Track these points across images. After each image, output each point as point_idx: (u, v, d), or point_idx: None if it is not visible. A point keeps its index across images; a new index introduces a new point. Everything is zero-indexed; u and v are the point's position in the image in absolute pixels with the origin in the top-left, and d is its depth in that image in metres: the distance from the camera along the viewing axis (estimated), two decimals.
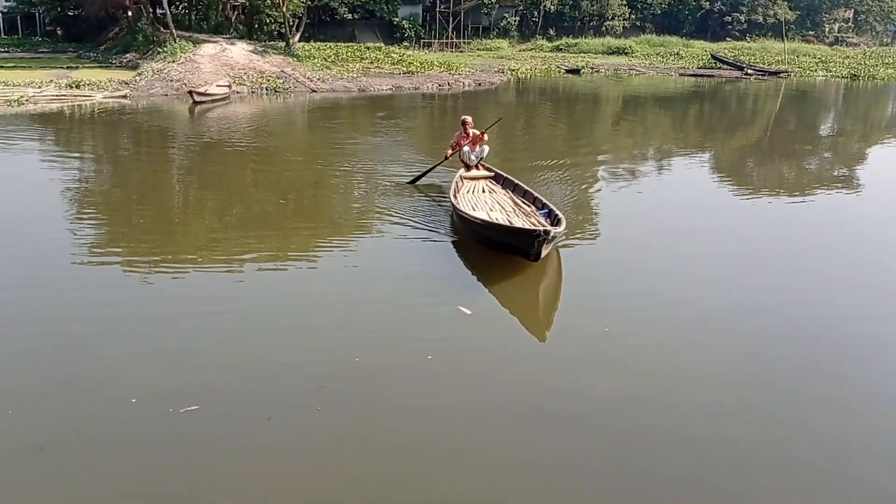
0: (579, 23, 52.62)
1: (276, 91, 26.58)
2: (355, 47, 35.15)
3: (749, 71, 39.37)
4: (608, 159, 15.40)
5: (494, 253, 8.08)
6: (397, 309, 7.03)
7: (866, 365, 6.11)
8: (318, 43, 35.44)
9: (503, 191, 10.21)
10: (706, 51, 45.46)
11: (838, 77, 38.87)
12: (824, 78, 38.79)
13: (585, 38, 49.48)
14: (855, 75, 38.79)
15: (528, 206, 9.38)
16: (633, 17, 54.00)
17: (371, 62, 32.67)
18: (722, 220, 10.72)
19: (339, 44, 36.00)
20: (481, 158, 11.16)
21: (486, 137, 11.07)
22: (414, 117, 23.89)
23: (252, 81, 26.88)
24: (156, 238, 9.24)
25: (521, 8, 50.68)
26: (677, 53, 46.01)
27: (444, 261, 8.46)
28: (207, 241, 9.24)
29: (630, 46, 46.59)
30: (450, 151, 11.43)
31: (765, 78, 38.19)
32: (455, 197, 9.50)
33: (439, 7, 47.86)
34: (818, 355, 6.24)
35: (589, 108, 27.67)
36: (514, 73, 36.65)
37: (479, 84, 31.54)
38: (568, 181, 12.59)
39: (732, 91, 33.32)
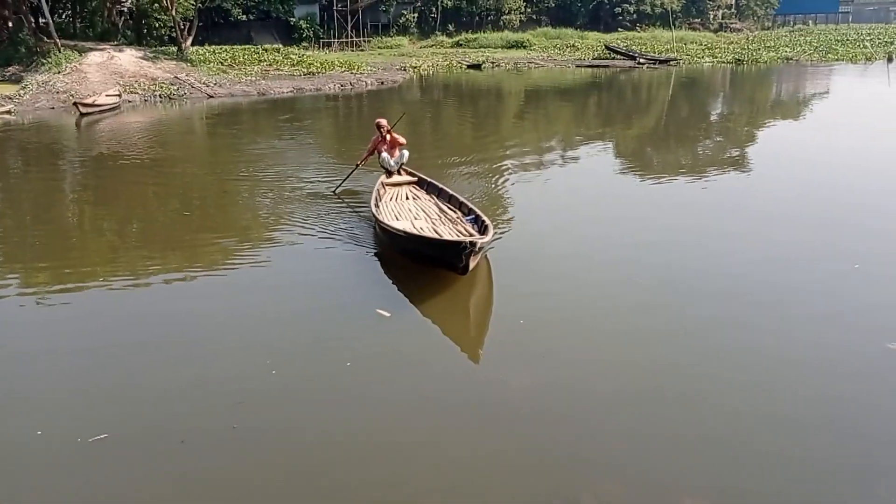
0: (477, 18, 53.07)
1: (170, 98, 25.59)
2: (252, 49, 34.10)
3: (641, 60, 40.71)
4: (516, 153, 15.49)
5: (420, 266, 7.73)
6: (313, 320, 6.88)
7: (778, 335, 6.29)
8: (213, 46, 34.15)
9: (428, 196, 9.77)
10: (600, 42, 46.79)
11: (724, 62, 40.66)
12: (711, 64, 40.47)
13: (484, 32, 49.89)
14: (739, 60, 40.71)
15: (455, 211, 8.98)
16: (528, 10, 54.93)
17: (270, 64, 31.85)
18: (629, 206, 10.92)
19: (234, 46, 34.74)
20: (402, 163, 10.67)
21: (404, 140, 10.69)
22: (318, 119, 23.51)
23: (144, 89, 25.78)
24: (52, 261, 8.76)
25: (419, 4, 50.66)
26: (573, 45, 47.04)
27: (364, 274, 8.14)
28: (108, 260, 8.82)
29: (528, 40, 47.29)
30: (365, 156, 11.05)
31: (656, 66, 39.57)
32: (376, 206, 8.97)
33: (336, 6, 47.18)
34: (730, 336, 6.41)
35: (493, 102, 27.93)
36: (416, 70, 36.60)
37: (382, 83, 31.26)
38: (479, 178, 12.57)
39: (627, 80, 34.36)
